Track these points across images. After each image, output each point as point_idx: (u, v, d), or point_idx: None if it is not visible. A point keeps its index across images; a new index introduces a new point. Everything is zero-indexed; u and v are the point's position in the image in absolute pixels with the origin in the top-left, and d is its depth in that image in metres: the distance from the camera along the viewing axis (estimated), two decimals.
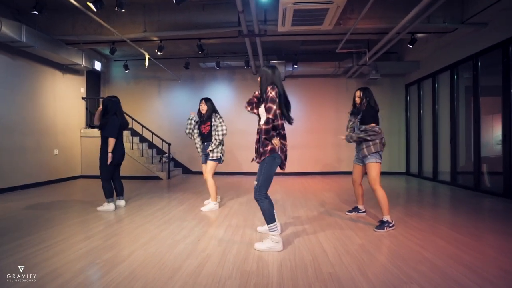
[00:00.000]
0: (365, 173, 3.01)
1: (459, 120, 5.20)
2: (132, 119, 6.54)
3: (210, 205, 3.47)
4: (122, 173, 3.75)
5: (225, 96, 7.34)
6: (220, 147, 3.50)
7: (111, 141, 3.29)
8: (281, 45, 6.41)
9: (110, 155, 3.30)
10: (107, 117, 3.33)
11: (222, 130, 3.45)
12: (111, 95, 3.59)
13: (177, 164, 7.38)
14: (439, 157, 5.72)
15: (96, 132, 6.43)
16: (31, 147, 5.14)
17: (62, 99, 5.93)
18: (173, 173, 6.73)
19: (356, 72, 6.61)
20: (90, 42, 5.33)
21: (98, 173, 3.55)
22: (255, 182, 2.18)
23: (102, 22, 4.19)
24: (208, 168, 3.47)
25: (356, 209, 3.24)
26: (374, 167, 2.77)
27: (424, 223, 2.88)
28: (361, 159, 2.93)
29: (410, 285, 1.61)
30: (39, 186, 5.25)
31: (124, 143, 3.80)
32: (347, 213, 3.24)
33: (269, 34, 4.72)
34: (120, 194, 3.62)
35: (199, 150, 3.62)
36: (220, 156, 3.47)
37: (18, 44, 4.49)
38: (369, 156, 2.79)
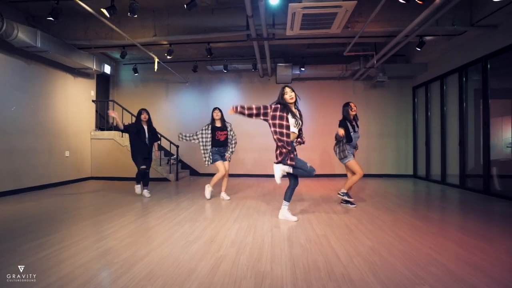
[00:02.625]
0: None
1: (468, 123, 5.18)
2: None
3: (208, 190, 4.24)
4: (131, 175, 4.40)
5: (232, 99, 7.41)
6: None
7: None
8: (287, 48, 6.46)
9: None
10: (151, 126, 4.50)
11: (235, 140, 4.38)
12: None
13: (185, 166, 7.46)
14: (448, 160, 5.69)
15: (106, 134, 6.56)
16: (43, 149, 5.26)
17: (73, 102, 6.07)
18: (181, 175, 6.81)
19: (363, 75, 6.62)
20: (102, 47, 5.44)
21: (108, 175, 4.76)
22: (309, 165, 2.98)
23: (113, 26, 4.29)
24: (228, 167, 4.24)
25: (348, 196, 3.72)
26: None
27: (434, 226, 2.89)
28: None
29: (422, 286, 1.63)
30: (51, 187, 5.36)
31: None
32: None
33: (277, 38, 4.78)
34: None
35: (209, 152, 4.07)
36: None
37: (33, 49, 4.62)
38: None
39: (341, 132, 3.51)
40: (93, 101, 6.73)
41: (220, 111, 4.23)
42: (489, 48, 4.48)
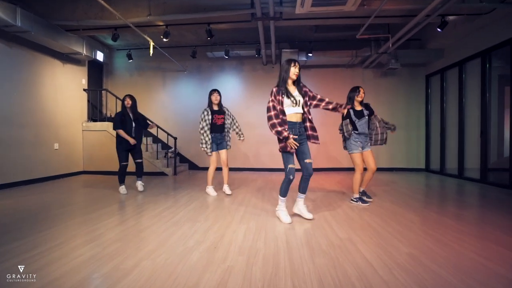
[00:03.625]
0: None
1: (491, 112, 4.77)
2: None
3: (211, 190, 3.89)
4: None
5: (234, 88, 6.97)
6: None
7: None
8: (293, 32, 5.99)
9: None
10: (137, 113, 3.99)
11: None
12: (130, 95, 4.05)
13: (183, 159, 7.05)
14: (466, 153, 5.30)
15: (99, 126, 6.13)
16: (29, 141, 4.83)
17: (62, 90, 5.61)
18: (179, 168, 6.41)
19: (374, 62, 6.18)
20: (91, 28, 4.96)
21: (101, 169, 4.92)
22: (310, 160, 2.61)
23: (104, 3, 3.82)
24: (227, 156, 3.84)
25: (361, 199, 3.33)
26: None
27: (472, 227, 2.50)
28: (365, 147, 3.37)
29: None
30: (39, 182, 4.95)
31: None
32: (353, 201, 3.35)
33: (285, 17, 4.32)
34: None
35: (208, 141, 3.68)
36: None
37: (13, 29, 4.16)
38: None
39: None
40: (84, 90, 6.26)
41: (219, 94, 3.83)
42: None
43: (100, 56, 6.47)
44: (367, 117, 3.33)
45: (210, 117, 3.71)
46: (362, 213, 2.93)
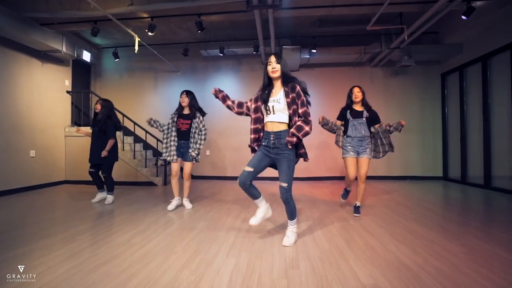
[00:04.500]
0: None
1: None
2: (124, 115, 5.66)
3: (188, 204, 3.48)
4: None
5: (231, 89, 6.41)
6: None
7: (111, 142, 3.65)
8: (295, 27, 5.45)
9: (106, 153, 3.60)
10: (106, 120, 3.64)
11: (206, 135, 3.34)
12: (105, 99, 3.80)
13: None
14: (493, 160, 4.66)
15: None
16: None
17: (41, 91, 5.08)
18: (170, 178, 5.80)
19: (384, 59, 5.60)
20: (69, 22, 4.46)
21: (86, 178, 4.39)
22: (284, 184, 2.09)
23: None
24: (189, 169, 3.35)
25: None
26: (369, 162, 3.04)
27: None
28: (361, 153, 3.04)
29: None
30: (10, 194, 4.39)
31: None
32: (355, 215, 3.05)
33: (285, 6, 3.77)
34: (102, 187, 3.85)
35: (171, 147, 3.27)
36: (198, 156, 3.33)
37: None
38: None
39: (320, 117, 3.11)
40: (68, 92, 5.74)
41: (189, 95, 3.29)
42: None
43: (86, 56, 5.97)
44: (364, 119, 3.03)
45: (173, 121, 3.32)
46: (384, 240, 2.31)
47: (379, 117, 3.10)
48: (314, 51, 5.26)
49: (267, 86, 2.16)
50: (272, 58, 2.11)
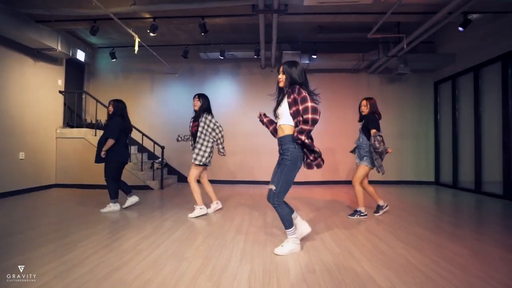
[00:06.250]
0: None
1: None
2: None
3: (196, 211, 3.22)
4: (104, 182, 3.49)
5: (229, 92, 6.40)
6: (208, 150, 3.23)
7: (110, 142, 3.34)
8: (295, 32, 5.52)
9: (103, 153, 3.36)
10: (112, 118, 3.43)
11: (221, 132, 3.28)
12: (117, 99, 3.59)
13: (172, 170, 6.36)
14: (484, 165, 4.83)
15: (76, 133, 5.40)
16: None
17: (32, 91, 4.90)
18: (167, 181, 5.71)
19: (381, 66, 5.74)
20: (66, 20, 4.34)
21: (77, 181, 4.27)
22: (272, 187, 2.06)
23: None
24: (191, 171, 3.24)
25: (359, 212, 3.19)
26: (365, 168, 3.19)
27: None
28: (361, 159, 3.22)
29: None
30: None
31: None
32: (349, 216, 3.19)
33: (291, 11, 3.82)
34: (129, 191, 3.60)
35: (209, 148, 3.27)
36: (205, 160, 3.20)
37: None
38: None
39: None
40: (60, 92, 5.56)
41: (200, 98, 3.26)
42: None
43: (81, 55, 5.83)
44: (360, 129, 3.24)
45: (190, 123, 3.38)
46: (392, 243, 2.34)
47: (373, 123, 3.07)
48: (315, 56, 5.33)
49: (279, 94, 2.20)
50: (280, 69, 2.14)
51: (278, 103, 2.15)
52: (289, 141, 2.02)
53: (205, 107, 3.24)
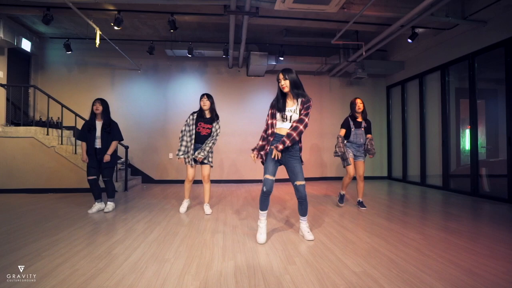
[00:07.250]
0: None
1: (450, 123, 5.04)
2: (76, 115, 5.07)
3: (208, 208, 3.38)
4: (59, 186, 3.55)
5: (196, 91, 6.30)
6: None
7: (116, 143, 3.43)
8: (262, 34, 5.66)
9: (108, 157, 3.34)
10: (111, 121, 3.45)
11: (216, 139, 3.30)
12: (101, 98, 3.46)
13: (135, 171, 6.05)
14: (428, 161, 5.53)
15: (23, 131, 4.83)
16: None
17: None
18: (131, 183, 5.43)
19: (342, 70, 6.19)
20: (12, 4, 3.86)
21: (26, 186, 4.19)
22: (303, 182, 2.32)
23: None
24: (208, 170, 3.29)
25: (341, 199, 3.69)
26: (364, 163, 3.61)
27: (479, 244, 2.33)
28: (358, 157, 3.54)
29: None
30: None
31: (64, 146, 3.65)
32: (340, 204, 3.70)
33: (261, 14, 3.92)
34: (100, 197, 3.49)
35: (187, 151, 3.19)
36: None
37: None
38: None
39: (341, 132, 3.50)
40: (2, 85, 4.92)
41: (210, 98, 3.23)
42: (477, 44, 4.33)
43: (26, 45, 5.23)
44: (363, 129, 3.50)
45: (193, 122, 3.21)
46: (358, 233, 2.59)
47: (371, 128, 3.61)
48: (282, 58, 5.53)
49: (281, 98, 2.34)
50: (281, 76, 2.31)
51: (284, 106, 2.31)
52: (297, 142, 2.35)
53: (214, 108, 3.26)
